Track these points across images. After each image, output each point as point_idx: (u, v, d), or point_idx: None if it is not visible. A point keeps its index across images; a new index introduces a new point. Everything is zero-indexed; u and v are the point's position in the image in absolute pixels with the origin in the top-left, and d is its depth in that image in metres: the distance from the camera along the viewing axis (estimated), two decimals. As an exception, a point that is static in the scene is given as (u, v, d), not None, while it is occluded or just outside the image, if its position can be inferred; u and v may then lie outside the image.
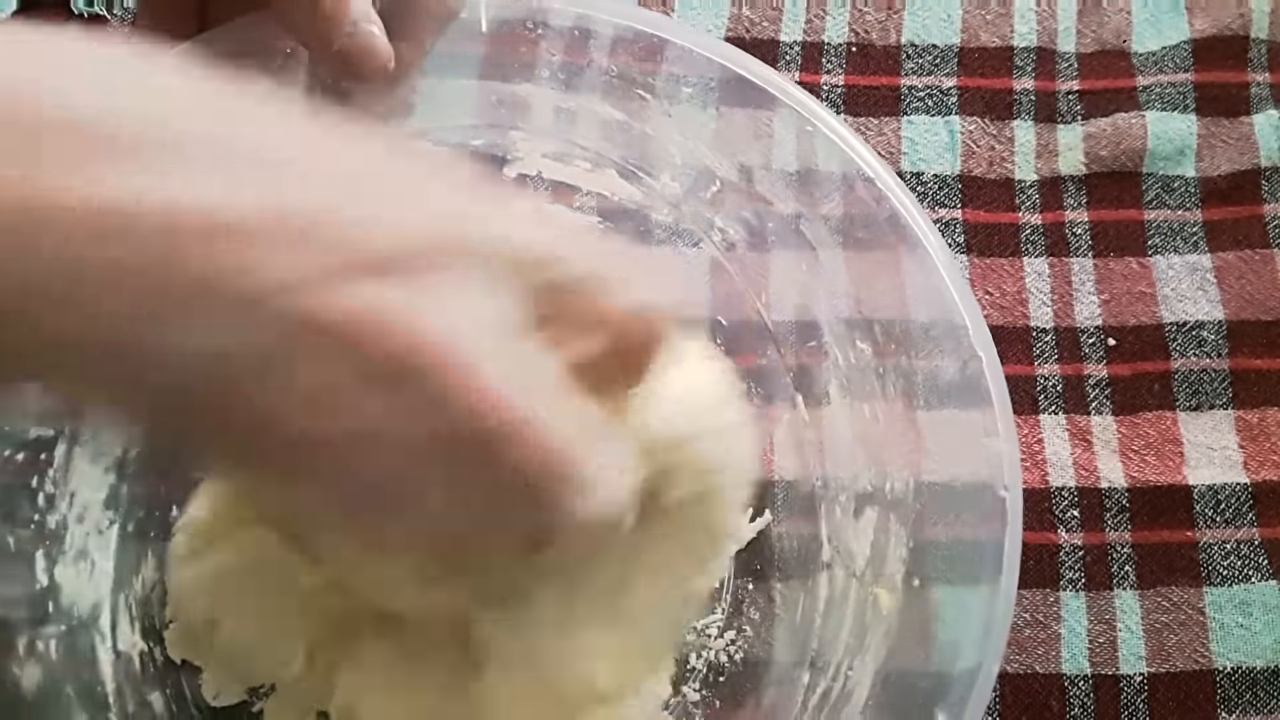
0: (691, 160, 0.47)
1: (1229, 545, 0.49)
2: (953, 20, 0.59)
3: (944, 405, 0.41)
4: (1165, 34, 0.59)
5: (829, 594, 0.44)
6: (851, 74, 0.58)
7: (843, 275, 0.45)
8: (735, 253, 0.49)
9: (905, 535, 0.41)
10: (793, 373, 0.49)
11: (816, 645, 0.44)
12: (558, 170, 0.49)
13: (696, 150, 0.46)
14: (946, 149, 0.56)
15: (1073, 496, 0.49)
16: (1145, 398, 0.51)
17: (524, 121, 0.48)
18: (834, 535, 0.45)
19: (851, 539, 0.44)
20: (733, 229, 0.48)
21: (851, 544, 0.44)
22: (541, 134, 0.48)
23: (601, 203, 0.50)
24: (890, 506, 0.42)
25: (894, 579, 0.41)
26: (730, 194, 0.47)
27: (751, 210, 0.47)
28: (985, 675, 0.35)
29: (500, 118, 0.48)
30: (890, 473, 0.43)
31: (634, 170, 0.48)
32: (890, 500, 0.42)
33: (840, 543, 0.45)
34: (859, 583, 0.43)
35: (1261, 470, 0.50)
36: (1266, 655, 0.47)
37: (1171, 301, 0.53)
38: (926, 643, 0.39)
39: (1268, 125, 0.56)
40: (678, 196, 0.48)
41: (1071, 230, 0.55)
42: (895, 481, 0.42)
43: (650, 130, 0.47)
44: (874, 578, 0.42)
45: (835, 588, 0.44)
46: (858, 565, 0.43)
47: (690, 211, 0.49)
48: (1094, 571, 0.48)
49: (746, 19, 0.59)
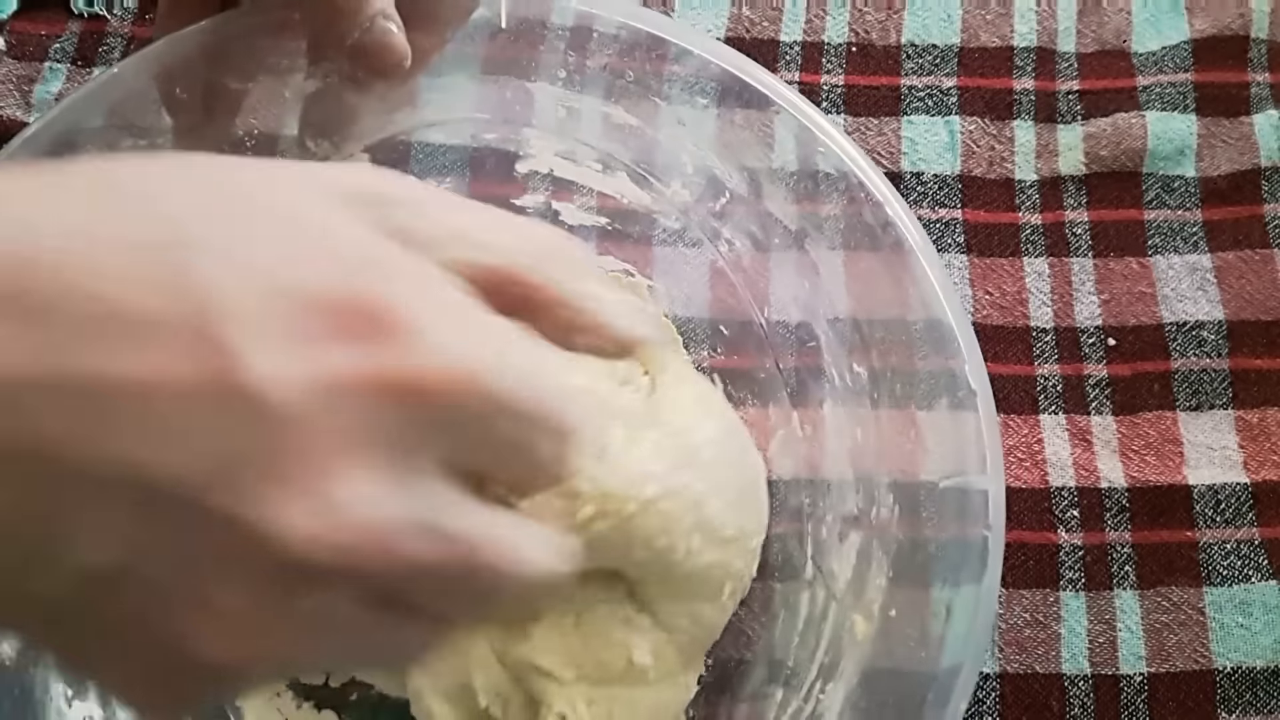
0: (702, 168, 0.47)
1: (1229, 545, 0.49)
2: (953, 20, 0.59)
3: (927, 406, 0.41)
4: (1165, 34, 0.59)
5: (809, 612, 0.44)
6: (851, 74, 0.58)
7: (838, 280, 0.45)
8: (735, 254, 0.49)
9: (887, 564, 0.41)
10: (788, 375, 0.49)
11: (792, 663, 0.44)
12: (568, 169, 0.50)
13: (707, 158, 0.46)
14: (946, 149, 0.56)
15: (1073, 496, 0.49)
16: (1145, 398, 0.51)
17: (537, 119, 0.48)
18: (818, 554, 0.45)
19: (835, 560, 0.44)
20: (739, 240, 0.48)
21: (834, 565, 0.44)
22: (554, 132, 0.48)
23: (604, 202, 0.51)
24: (875, 532, 0.42)
25: (871, 607, 0.41)
26: (739, 206, 0.47)
27: (758, 222, 0.47)
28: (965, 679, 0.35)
29: (515, 114, 0.47)
30: (878, 495, 0.43)
31: (644, 174, 0.49)
32: (875, 526, 0.42)
33: (823, 563, 0.45)
34: (838, 605, 0.43)
35: (1261, 470, 0.50)
36: (1266, 655, 0.47)
37: (1171, 301, 0.53)
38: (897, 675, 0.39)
39: (1268, 125, 0.56)
40: (687, 204, 0.48)
41: (1071, 230, 0.55)
42: (882, 508, 0.42)
43: (663, 138, 0.47)
44: (853, 602, 0.42)
45: (815, 606, 0.44)
46: (838, 587, 0.43)
47: (698, 220, 0.49)
48: (1094, 571, 0.48)
49: (746, 19, 0.59)
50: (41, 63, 0.56)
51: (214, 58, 0.40)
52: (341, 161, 0.44)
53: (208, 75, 0.40)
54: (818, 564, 0.45)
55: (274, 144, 0.44)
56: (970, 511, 0.37)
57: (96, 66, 0.56)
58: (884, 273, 0.42)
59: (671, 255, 0.51)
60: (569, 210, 0.51)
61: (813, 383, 0.48)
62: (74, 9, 0.57)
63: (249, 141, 0.43)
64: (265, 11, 0.40)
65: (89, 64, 0.56)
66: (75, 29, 0.57)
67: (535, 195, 0.51)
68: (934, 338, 0.40)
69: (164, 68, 0.40)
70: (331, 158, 0.45)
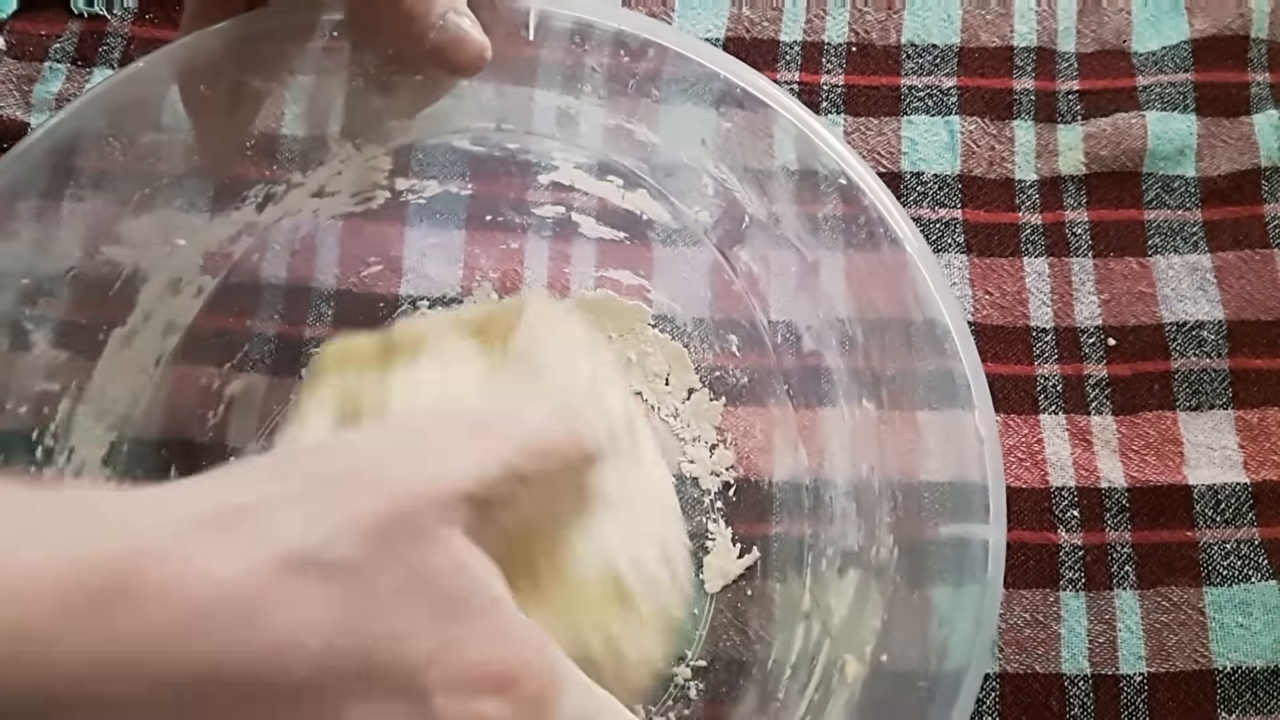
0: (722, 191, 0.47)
1: (1229, 545, 0.49)
2: (953, 20, 0.59)
3: (926, 407, 0.41)
4: (1165, 34, 0.59)
5: (803, 645, 0.45)
6: (851, 74, 0.58)
7: (838, 282, 0.45)
8: (735, 255, 0.49)
9: (882, 607, 0.41)
10: (789, 375, 0.49)
11: (782, 695, 0.44)
12: (589, 183, 0.50)
13: (729, 181, 0.46)
14: (946, 149, 0.56)
15: (1073, 496, 0.49)
16: (1145, 398, 0.51)
17: (561, 132, 0.48)
18: (817, 587, 0.45)
19: (833, 595, 0.44)
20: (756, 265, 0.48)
21: (832, 600, 0.44)
22: (577, 146, 0.48)
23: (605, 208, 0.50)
24: (874, 573, 0.42)
25: (864, 650, 0.41)
26: (758, 231, 0.47)
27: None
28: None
29: (537, 125, 0.47)
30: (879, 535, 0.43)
31: (663, 193, 0.49)
32: (875, 566, 0.42)
33: (822, 596, 0.45)
34: (831, 642, 0.43)
35: (1261, 470, 0.50)
36: (1266, 655, 0.47)
37: (1171, 301, 0.53)
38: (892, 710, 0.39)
39: (1268, 125, 0.56)
40: (707, 225, 0.49)
41: (1071, 230, 0.55)
42: (882, 548, 0.42)
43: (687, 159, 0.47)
44: (847, 641, 0.42)
45: (810, 639, 0.44)
46: (834, 623, 0.43)
47: (716, 240, 0.49)
48: (1094, 571, 0.48)
49: (746, 19, 0.59)
50: (41, 63, 0.56)
51: (241, 57, 0.40)
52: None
53: (234, 74, 0.40)
54: (815, 597, 0.45)
55: (274, 143, 0.44)
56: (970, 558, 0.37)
57: (96, 66, 0.56)
58: (882, 274, 0.42)
59: (671, 255, 0.51)
60: (589, 224, 0.51)
61: (812, 383, 0.48)
62: (74, 9, 0.57)
63: (249, 141, 0.43)
64: (292, 11, 0.40)
65: (89, 64, 0.56)
66: (75, 29, 0.57)
67: (555, 207, 0.52)
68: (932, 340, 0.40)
69: (188, 65, 0.40)
70: (353, 159, 0.45)
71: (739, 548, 0.48)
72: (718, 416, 0.51)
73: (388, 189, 0.48)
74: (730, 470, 0.50)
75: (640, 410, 0.40)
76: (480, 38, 0.36)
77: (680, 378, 0.51)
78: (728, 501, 0.49)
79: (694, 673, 0.46)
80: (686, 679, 0.46)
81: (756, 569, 0.48)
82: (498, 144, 0.48)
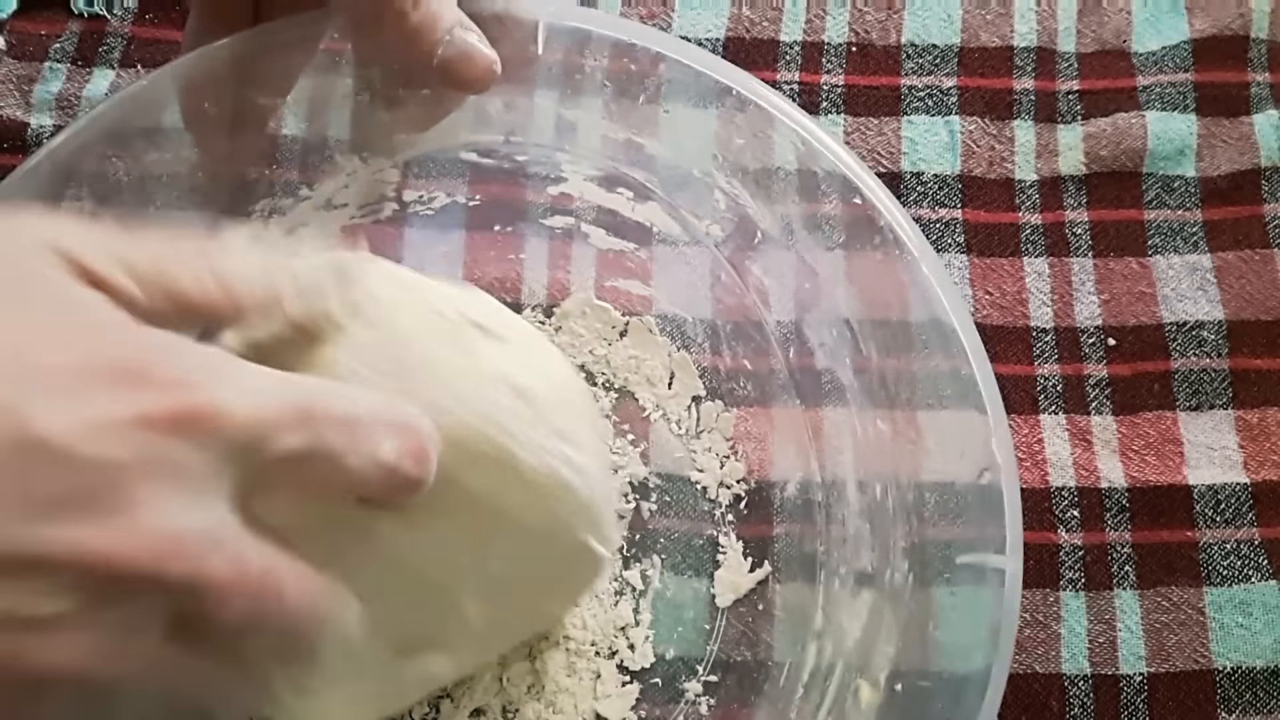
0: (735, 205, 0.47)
1: (1229, 545, 0.49)
2: (953, 20, 0.59)
3: (936, 407, 0.41)
4: (1165, 34, 0.59)
5: (815, 664, 0.44)
6: (851, 74, 0.58)
7: (837, 280, 0.45)
8: (735, 254, 0.49)
9: (896, 634, 0.41)
10: (790, 375, 0.49)
11: (795, 716, 0.44)
12: (600, 195, 0.50)
13: (740, 196, 0.46)
14: (946, 149, 0.56)
15: (1073, 496, 0.49)
16: (1145, 398, 0.52)
17: (571, 144, 0.48)
18: (829, 605, 0.45)
19: (845, 615, 0.44)
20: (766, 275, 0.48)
21: (844, 620, 0.44)
22: (587, 158, 0.48)
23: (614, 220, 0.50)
24: (888, 597, 0.42)
25: (879, 677, 0.40)
26: (772, 249, 0.47)
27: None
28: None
29: (547, 137, 0.47)
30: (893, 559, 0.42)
31: (675, 208, 0.49)
32: (889, 591, 0.42)
33: (834, 615, 0.45)
34: (844, 664, 0.43)
35: (1261, 470, 0.50)
36: (1266, 655, 0.47)
37: (1171, 301, 0.53)
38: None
39: (1268, 125, 0.56)
40: (718, 239, 0.49)
41: (1071, 230, 0.55)
42: (896, 572, 0.42)
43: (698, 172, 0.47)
44: (860, 664, 0.42)
45: (823, 659, 0.44)
46: (847, 644, 0.43)
47: (727, 255, 0.49)
48: (1094, 571, 0.48)
49: (746, 19, 0.59)
50: (41, 63, 0.56)
51: (245, 73, 0.40)
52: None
53: (239, 90, 0.40)
54: (828, 615, 0.45)
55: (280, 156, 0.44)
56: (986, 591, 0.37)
57: (96, 66, 0.56)
58: (884, 274, 0.42)
59: (671, 255, 0.51)
60: (598, 235, 0.51)
61: (814, 383, 0.48)
62: (74, 9, 0.57)
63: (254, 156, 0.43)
64: (296, 26, 0.40)
65: (89, 64, 0.56)
66: (75, 29, 0.57)
67: (564, 218, 0.52)
68: (939, 339, 0.40)
69: (192, 81, 0.40)
70: (360, 172, 0.45)
71: (750, 561, 0.48)
72: (730, 428, 0.50)
73: (395, 201, 0.48)
74: (741, 483, 0.49)
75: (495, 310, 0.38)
76: (489, 52, 0.36)
77: (685, 384, 0.51)
78: (738, 514, 0.49)
79: (705, 688, 0.46)
80: (698, 694, 0.46)
81: (768, 583, 0.47)
82: (506, 156, 0.48)
